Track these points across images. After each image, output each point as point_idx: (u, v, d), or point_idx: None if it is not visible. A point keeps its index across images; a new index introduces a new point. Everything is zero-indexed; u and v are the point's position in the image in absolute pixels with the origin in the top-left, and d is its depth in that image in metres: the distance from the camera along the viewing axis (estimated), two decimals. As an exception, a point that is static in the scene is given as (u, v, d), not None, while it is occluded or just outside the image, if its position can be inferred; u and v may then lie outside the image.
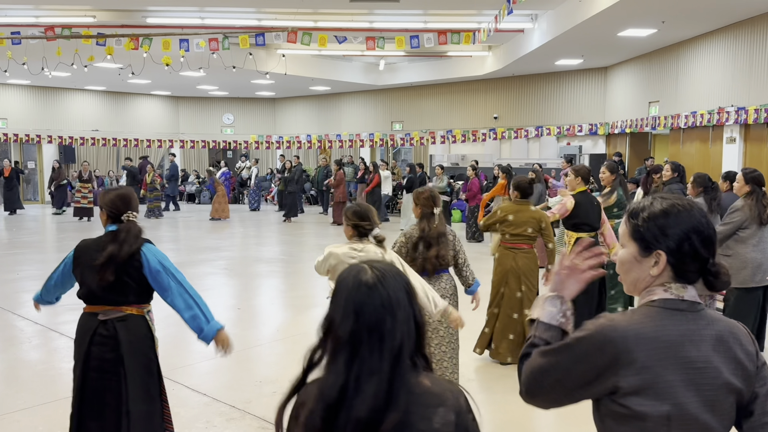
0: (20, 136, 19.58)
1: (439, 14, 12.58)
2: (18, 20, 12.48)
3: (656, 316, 1.44)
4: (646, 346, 1.41)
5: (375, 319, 1.30)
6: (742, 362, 1.45)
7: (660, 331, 1.42)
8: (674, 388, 1.40)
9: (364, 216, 3.55)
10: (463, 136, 17.89)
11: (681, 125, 12.18)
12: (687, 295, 1.46)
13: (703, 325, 1.45)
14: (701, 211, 1.49)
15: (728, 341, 1.45)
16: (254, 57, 14.29)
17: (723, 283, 1.47)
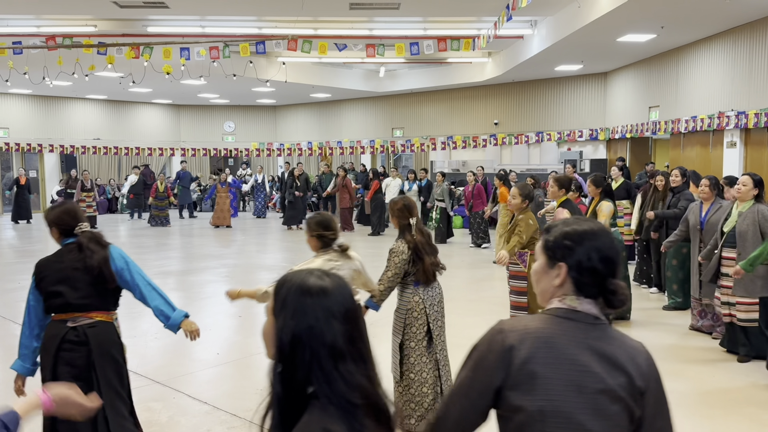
0: (22, 146, 19.63)
1: (439, 21, 12.62)
2: (19, 30, 12.54)
3: (545, 320, 1.55)
4: (529, 343, 1.50)
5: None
6: (630, 377, 1.49)
7: (545, 332, 1.52)
8: (552, 385, 1.47)
9: (328, 226, 3.51)
10: (464, 142, 17.90)
11: (681, 130, 12.18)
12: (580, 307, 1.54)
13: (594, 336, 1.52)
14: (608, 234, 1.58)
15: (619, 357, 1.50)
16: (255, 65, 14.33)
17: (619, 300, 1.54)
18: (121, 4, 10.73)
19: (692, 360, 5.58)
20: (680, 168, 7.26)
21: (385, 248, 4.57)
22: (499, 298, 7.32)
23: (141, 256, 11.68)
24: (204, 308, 7.55)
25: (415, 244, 3.93)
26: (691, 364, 5.48)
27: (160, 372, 5.22)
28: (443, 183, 13.39)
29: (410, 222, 3.99)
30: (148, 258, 11.48)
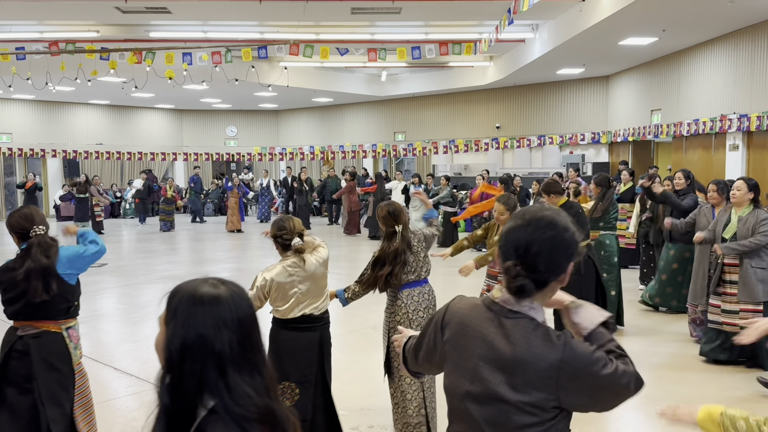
0: (25, 151, 19.68)
1: (440, 25, 12.64)
2: (22, 36, 12.59)
3: (474, 306, 1.62)
4: (454, 325, 1.62)
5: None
6: (529, 379, 1.47)
7: (466, 318, 1.60)
8: (457, 368, 1.59)
9: (281, 226, 3.45)
10: (466, 145, 17.91)
11: (683, 133, 12.17)
12: (500, 299, 1.57)
13: (501, 331, 1.53)
14: (539, 225, 1.52)
15: (519, 361, 1.48)
16: (257, 70, 14.37)
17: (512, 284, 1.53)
18: (124, 10, 10.77)
19: (698, 369, 5.56)
20: (684, 171, 7.20)
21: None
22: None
23: (146, 261, 11.70)
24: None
25: (386, 253, 3.75)
26: (697, 372, 5.47)
27: (162, 376, 5.21)
28: (447, 187, 13.38)
29: (395, 230, 3.79)
30: (153, 263, 11.49)
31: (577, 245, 1.56)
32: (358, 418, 4.30)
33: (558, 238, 1.52)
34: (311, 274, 3.45)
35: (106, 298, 8.53)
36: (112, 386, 5.09)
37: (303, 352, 3.46)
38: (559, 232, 1.52)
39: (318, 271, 3.48)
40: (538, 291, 1.54)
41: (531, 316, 1.53)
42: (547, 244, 1.50)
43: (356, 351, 5.85)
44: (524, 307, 1.53)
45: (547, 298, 1.59)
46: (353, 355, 5.72)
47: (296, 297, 3.42)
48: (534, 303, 1.55)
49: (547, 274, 1.52)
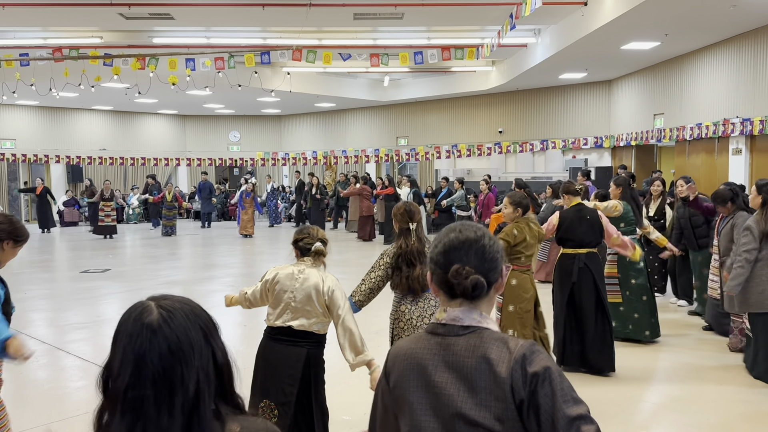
0: (28, 156, 19.75)
1: (443, 30, 12.66)
2: (26, 42, 12.64)
3: (418, 339, 1.53)
4: (399, 365, 1.52)
5: (161, 368, 1.10)
6: (493, 393, 1.39)
7: (412, 352, 1.51)
8: (414, 408, 1.46)
9: (304, 231, 3.48)
10: (468, 150, 17.91)
11: (686, 137, 12.16)
12: (447, 318, 1.50)
13: (456, 350, 1.45)
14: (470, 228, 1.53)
15: (477, 372, 1.41)
16: (260, 75, 14.40)
17: (459, 285, 1.48)
18: (127, 16, 10.81)
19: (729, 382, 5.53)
20: (685, 177, 7.14)
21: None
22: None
23: (150, 266, 11.71)
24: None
25: (407, 250, 3.76)
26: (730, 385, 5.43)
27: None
28: (461, 189, 13.28)
29: (409, 227, 3.83)
30: (156, 267, 11.51)
31: (503, 251, 1.58)
32: (363, 425, 4.30)
33: (489, 239, 1.54)
34: (308, 288, 3.34)
35: (108, 303, 8.54)
36: (115, 392, 5.09)
37: (286, 369, 3.33)
38: (486, 233, 1.55)
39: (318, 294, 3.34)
40: (479, 299, 1.50)
41: (484, 326, 1.48)
42: (481, 243, 1.51)
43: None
44: (474, 320, 1.48)
45: (490, 306, 1.54)
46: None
47: (287, 303, 3.36)
48: (482, 314, 1.50)
49: (488, 273, 1.50)
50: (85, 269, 11.17)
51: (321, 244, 3.44)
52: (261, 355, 3.43)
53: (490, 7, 10.33)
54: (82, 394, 5.06)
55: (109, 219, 16.35)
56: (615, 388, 5.03)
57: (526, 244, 4.81)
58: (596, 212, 5.49)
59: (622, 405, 4.70)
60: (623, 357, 5.58)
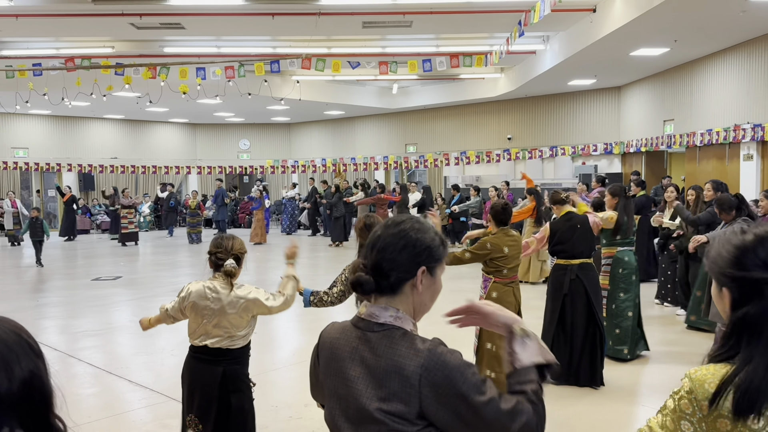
0: (41, 165, 19.94)
1: (451, 38, 12.70)
2: (39, 52, 12.80)
3: (342, 328, 1.57)
4: (325, 351, 1.58)
5: None
6: (398, 394, 1.39)
7: (335, 342, 1.55)
8: (330, 395, 1.54)
9: (218, 244, 3.31)
10: (477, 157, 17.91)
11: (697, 143, 12.11)
12: (365, 314, 1.51)
13: (370, 346, 1.46)
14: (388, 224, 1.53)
15: (386, 370, 1.41)
16: (269, 83, 14.49)
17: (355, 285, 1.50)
18: (138, 26, 10.93)
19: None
20: (714, 181, 6.89)
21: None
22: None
23: (161, 273, 11.77)
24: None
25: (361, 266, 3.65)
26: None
27: (175, 389, 5.22)
28: (477, 197, 13.14)
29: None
30: (167, 275, 11.57)
31: (432, 249, 1.50)
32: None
33: (403, 236, 1.49)
34: (222, 307, 3.22)
35: (120, 310, 8.59)
36: (126, 398, 5.12)
37: (202, 387, 3.26)
38: (405, 231, 1.50)
39: (230, 306, 3.23)
40: (395, 294, 1.49)
41: (398, 326, 1.47)
42: (389, 241, 1.49)
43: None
44: (390, 317, 1.47)
45: (411, 307, 1.51)
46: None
47: (203, 324, 3.27)
48: (399, 312, 1.48)
49: (392, 272, 1.47)
50: (96, 277, 11.25)
51: (233, 263, 3.25)
52: (184, 371, 3.39)
53: (499, 15, 10.36)
54: (93, 401, 5.09)
55: (132, 226, 16.74)
56: (603, 402, 4.93)
57: (504, 257, 4.62)
58: (586, 219, 5.32)
59: (610, 420, 4.61)
60: (613, 371, 5.44)
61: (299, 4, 9.78)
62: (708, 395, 1.29)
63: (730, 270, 1.33)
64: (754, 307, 1.28)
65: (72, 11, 10.05)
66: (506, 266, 4.65)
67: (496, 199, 11.71)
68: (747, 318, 1.29)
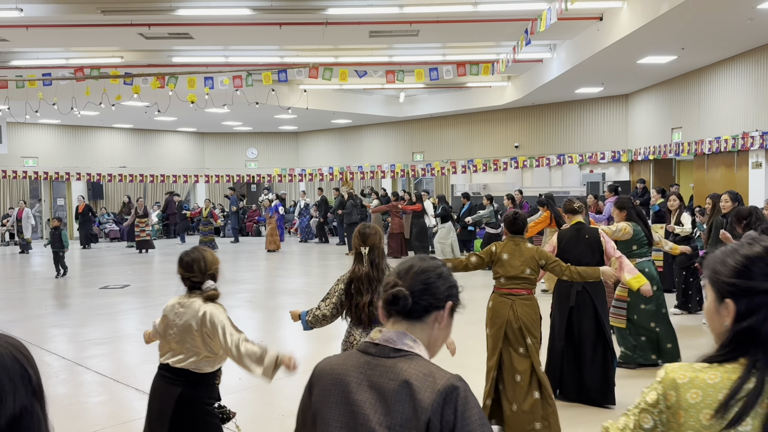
0: (50, 174, 20.08)
1: (458, 47, 12.73)
2: (49, 62, 12.92)
3: (347, 356, 1.52)
4: (323, 380, 1.51)
5: None
6: (409, 421, 1.36)
7: (337, 368, 1.50)
8: (329, 424, 1.46)
9: (189, 266, 3.14)
10: (484, 165, 17.91)
11: (705, 151, 12.06)
12: (380, 339, 1.48)
13: (381, 372, 1.43)
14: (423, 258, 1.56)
15: (397, 395, 1.39)
16: (277, 93, 14.55)
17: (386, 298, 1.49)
18: (147, 36, 11.01)
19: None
20: (731, 192, 6.76)
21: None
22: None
23: (170, 281, 11.80)
24: (227, 333, 7.57)
25: (357, 276, 3.46)
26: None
27: (183, 397, 5.24)
28: (490, 206, 13.00)
29: (361, 251, 3.49)
30: (176, 283, 11.58)
31: (458, 290, 1.55)
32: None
33: (438, 267, 1.53)
34: (186, 323, 3.09)
35: (128, 319, 8.61)
36: (133, 407, 5.12)
37: (159, 405, 3.11)
38: (439, 265, 1.55)
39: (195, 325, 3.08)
40: (417, 321, 1.48)
41: (416, 353, 1.44)
42: (425, 268, 1.51)
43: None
44: (406, 344, 1.45)
45: (426, 339, 1.50)
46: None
47: (168, 338, 3.15)
48: (416, 341, 1.47)
49: (426, 297, 1.48)
50: (104, 285, 11.29)
51: (213, 285, 3.13)
52: (151, 387, 3.26)
53: (505, 23, 10.38)
54: (100, 410, 5.10)
55: (144, 234, 16.94)
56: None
57: (501, 263, 4.40)
58: (596, 231, 5.10)
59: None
60: (626, 388, 5.18)
61: (306, 14, 9.83)
62: (675, 386, 1.32)
63: (737, 280, 1.31)
64: (761, 318, 1.28)
65: (82, 22, 10.15)
66: (503, 274, 4.40)
67: (510, 208, 11.67)
68: (754, 329, 1.28)
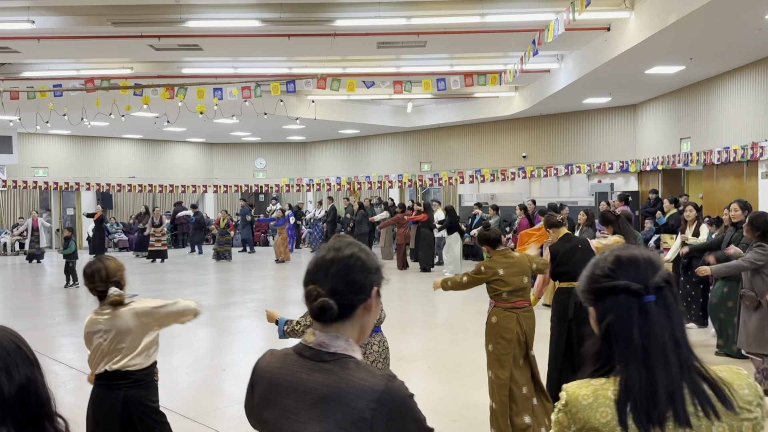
0: (60, 184, 20.24)
1: (465, 57, 12.77)
2: (60, 73, 13.05)
3: (284, 357, 1.51)
4: (263, 381, 1.51)
5: None
6: (343, 427, 1.36)
7: (274, 372, 1.49)
8: (268, 427, 1.47)
9: (90, 277, 3.08)
10: (492, 175, 17.90)
11: (714, 161, 12.01)
12: (313, 343, 1.46)
13: (315, 378, 1.41)
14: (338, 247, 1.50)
15: (334, 402, 1.38)
16: (285, 103, 14.64)
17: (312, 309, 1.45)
18: (157, 47, 11.11)
19: None
20: (740, 201, 6.63)
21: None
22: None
23: (177, 292, 11.83)
24: (234, 343, 7.59)
25: None
26: None
27: (189, 407, 5.24)
28: (497, 216, 12.92)
29: None
30: (184, 293, 11.61)
31: (379, 270, 1.52)
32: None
33: (357, 258, 1.48)
34: (116, 325, 3.05)
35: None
36: (140, 417, 5.13)
37: (102, 417, 3.04)
38: (356, 253, 1.49)
39: (130, 325, 3.05)
40: (347, 319, 1.46)
41: (349, 355, 1.43)
42: (346, 263, 1.47)
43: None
44: (340, 347, 1.44)
45: (357, 332, 1.49)
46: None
47: (100, 350, 3.08)
48: (350, 341, 1.46)
49: (350, 295, 1.45)
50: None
51: (116, 291, 3.08)
52: (87, 407, 3.17)
53: (513, 34, 10.40)
54: (108, 420, 5.10)
55: (159, 244, 17.15)
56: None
57: (500, 279, 4.35)
58: (586, 240, 5.17)
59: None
60: None
61: (315, 26, 9.90)
62: (582, 408, 1.34)
63: (588, 285, 1.41)
64: (613, 315, 1.35)
65: (92, 33, 10.26)
66: (503, 289, 4.35)
67: (523, 218, 11.58)
68: (610, 327, 1.35)
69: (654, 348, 1.30)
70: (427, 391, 5.66)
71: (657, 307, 1.32)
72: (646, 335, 1.30)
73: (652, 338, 1.30)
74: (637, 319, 1.32)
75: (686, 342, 1.33)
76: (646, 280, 1.34)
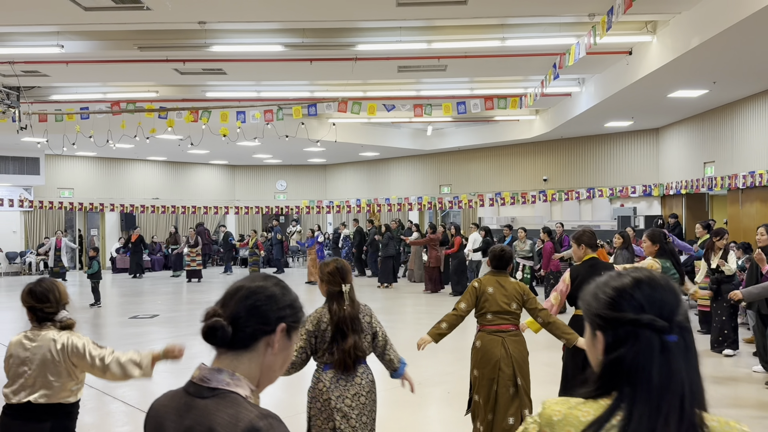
0: (85, 205, 20.57)
1: (485, 81, 12.80)
2: (86, 96, 13.34)
3: (173, 395, 1.41)
4: (150, 421, 1.42)
5: None
6: None
7: (160, 411, 1.41)
8: None
9: (43, 296, 2.94)
10: (512, 198, 17.82)
11: (739, 185, 11.83)
12: (197, 377, 1.36)
13: (193, 416, 1.32)
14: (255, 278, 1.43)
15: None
16: (306, 126, 14.77)
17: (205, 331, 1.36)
18: (182, 71, 11.32)
19: None
20: (767, 226, 6.59)
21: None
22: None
23: (195, 311, 11.88)
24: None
25: (341, 317, 3.24)
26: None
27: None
28: (526, 239, 12.86)
29: (342, 289, 3.30)
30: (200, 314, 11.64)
31: (295, 309, 1.43)
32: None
33: (267, 288, 1.41)
34: (42, 354, 2.91)
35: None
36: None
37: None
38: (269, 285, 1.42)
39: (48, 352, 2.91)
40: (244, 351, 1.36)
41: (231, 390, 1.32)
42: (254, 289, 1.40)
43: (402, 407, 5.75)
44: (222, 382, 1.33)
45: (257, 371, 1.38)
46: (397, 412, 5.61)
47: (21, 376, 2.92)
48: (236, 375, 1.34)
49: (251, 322, 1.36)
50: (134, 315, 11.42)
51: (67, 314, 2.99)
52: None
53: (533, 58, 10.42)
54: (126, 440, 5.10)
55: (194, 264, 17.45)
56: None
57: (486, 299, 4.27)
58: (611, 267, 4.88)
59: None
60: None
61: (337, 51, 10.01)
62: (550, 423, 1.30)
63: (604, 312, 1.30)
64: (628, 349, 1.24)
65: (119, 58, 10.49)
66: (489, 310, 4.28)
67: (547, 242, 11.49)
68: (621, 361, 1.24)
69: (671, 394, 1.20)
70: (447, 417, 5.58)
71: (677, 347, 1.22)
72: (666, 377, 1.20)
73: (672, 382, 1.20)
74: (659, 359, 1.22)
75: (701, 391, 1.23)
76: (670, 315, 1.24)
